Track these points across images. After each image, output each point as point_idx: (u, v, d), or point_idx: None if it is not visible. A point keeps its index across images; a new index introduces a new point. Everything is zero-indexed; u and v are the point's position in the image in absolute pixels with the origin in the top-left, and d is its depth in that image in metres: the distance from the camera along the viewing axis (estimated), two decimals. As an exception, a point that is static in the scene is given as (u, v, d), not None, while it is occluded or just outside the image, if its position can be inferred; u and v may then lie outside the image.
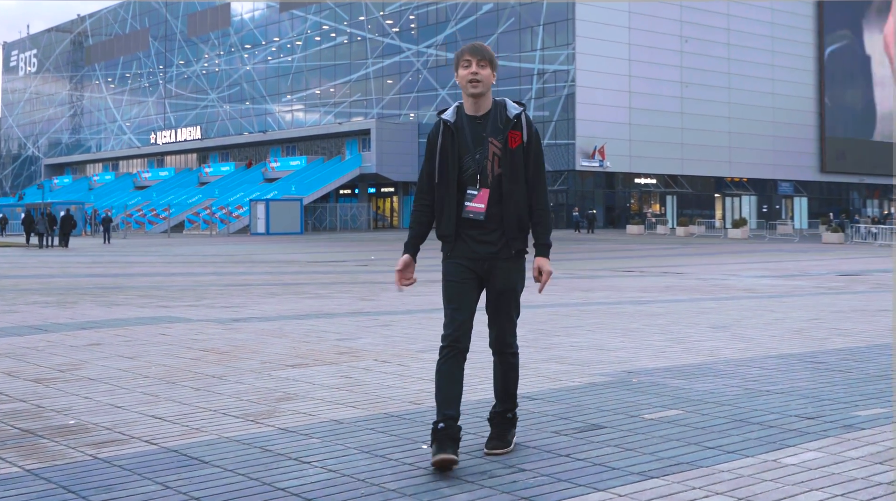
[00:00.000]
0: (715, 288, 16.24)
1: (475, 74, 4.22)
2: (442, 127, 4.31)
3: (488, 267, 4.29)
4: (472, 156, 4.27)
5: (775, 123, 66.67)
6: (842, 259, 29.53)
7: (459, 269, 4.31)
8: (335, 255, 32.78)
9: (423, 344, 8.12)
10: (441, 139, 4.30)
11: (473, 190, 4.26)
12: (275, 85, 79.34)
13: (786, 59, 67.94)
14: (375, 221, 73.22)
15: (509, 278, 4.30)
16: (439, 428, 4.10)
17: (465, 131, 4.28)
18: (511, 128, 4.26)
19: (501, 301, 4.33)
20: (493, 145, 4.26)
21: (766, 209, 67.56)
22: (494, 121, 4.28)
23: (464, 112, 4.31)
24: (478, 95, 4.24)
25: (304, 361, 7.20)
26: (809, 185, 71.19)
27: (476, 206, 4.26)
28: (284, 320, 10.31)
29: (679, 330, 9.20)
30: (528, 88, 60.69)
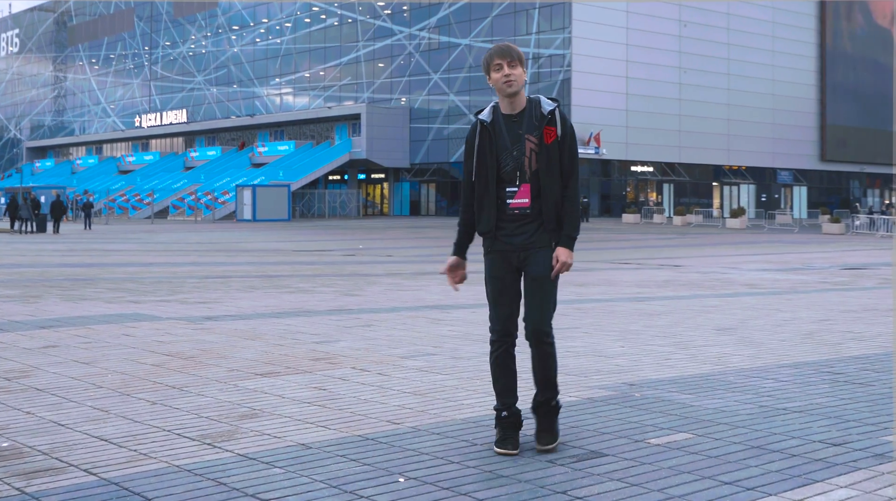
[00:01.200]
0: (716, 283, 15.79)
1: (508, 75, 4.43)
2: (479, 127, 4.53)
3: (524, 257, 4.50)
4: (510, 153, 4.48)
5: (775, 110, 66.22)
6: (844, 251, 29.14)
7: (500, 263, 4.53)
8: (322, 244, 32.27)
9: (406, 349, 7.62)
10: (479, 139, 4.51)
11: (513, 187, 4.49)
12: (263, 67, 78.63)
13: (787, 45, 67.43)
14: (365, 208, 72.69)
15: (542, 265, 4.49)
16: (503, 417, 4.50)
17: (502, 130, 4.49)
18: (546, 124, 4.47)
19: (537, 287, 4.50)
20: (529, 142, 4.47)
21: (765, 198, 67.18)
22: (530, 118, 4.49)
23: (500, 111, 4.53)
24: (513, 94, 4.46)
25: (275, 369, 6.70)
26: (809, 174, 70.80)
27: (520, 202, 4.48)
28: (260, 319, 9.81)
29: (682, 333, 8.73)
30: (522, 73, 60.07)
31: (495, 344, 4.59)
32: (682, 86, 61.53)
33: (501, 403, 4.55)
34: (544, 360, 4.59)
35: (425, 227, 48.41)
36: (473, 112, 4.82)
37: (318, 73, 74.24)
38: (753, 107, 65.05)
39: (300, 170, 65.20)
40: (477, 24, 62.57)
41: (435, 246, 31.81)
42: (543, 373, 4.61)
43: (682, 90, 61.75)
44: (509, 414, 4.51)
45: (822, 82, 69.91)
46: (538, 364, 4.61)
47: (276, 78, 77.68)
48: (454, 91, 64.17)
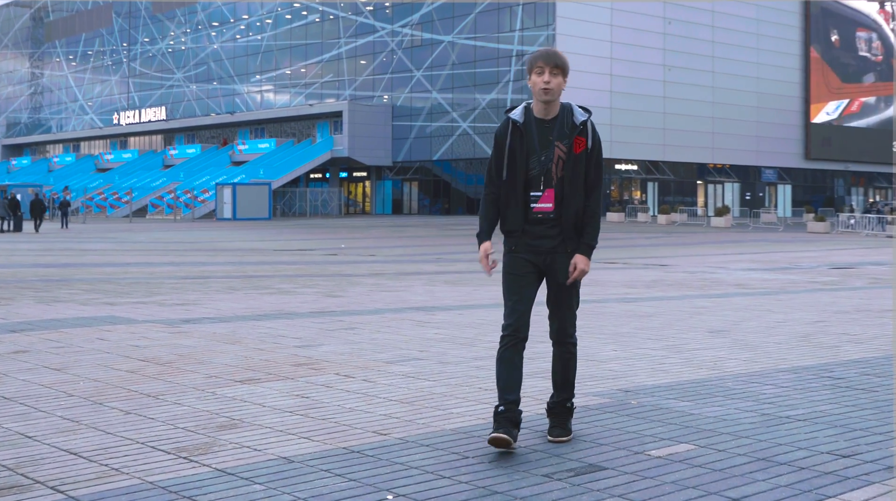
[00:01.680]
0: (704, 283, 15.64)
1: (547, 83, 4.47)
2: (511, 126, 4.57)
3: (549, 261, 4.60)
4: (538, 157, 4.55)
5: (759, 108, 66.30)
6: (830, 250, 29.10)
7: (521, 263, 4.62)
8: (303, 243, 32.01)
9: (391, 354, 7.40)
10: (510, 139, 4.57)
11: (537, 191, 4.57)
12: (243, 64, 78.19)
13: (771, 43, 67.53)
14: (347, 207, 72.46)
15: (569, 272, 4.61)
16: (500, 411, 4.46)
17: (533, 132, 4.55)
18: (577, 134, 4.54)
19: (562, 293, 4.66)
20: (558, 149, 4.53)
21: (750, 197, 67.26)
22: (561, 125, 4.54)
23: (532, 114, 4.58)
24: (548, 102, 4.51)
25: (255, 375, 6.47)
26: (793, 172, 70.94)
27: (544, 206, 4.58)
28: (240, 321, 9.57)
29: (675, 336, 8.55)
30: (506, 70, 59.98)
31: (505, 339, 4.61)
32: (666, 83, 61.50)
33: (503, 399, 4.51)
34: (566, 361, 4.74)
35: (408, 226, 48.19)
36: (505, 110, 4.70)
37: (299, 70, 73.83)
38: (738, 106, 65.11)
39: (281, 168, 64.87)
40: (460, 20, 62.36)
41: (418, 245, 31.58)
42: (563, 375, 4.75)
43: (667, 88, 61.72)
44: (507, 410, 4.47)
45: (806, 80, 70.02)
46: (559, 364, 4.75)
47: (257, 75, 77.23)
48: (437, 88, 63.93)
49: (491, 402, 5.55)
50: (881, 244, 34.16)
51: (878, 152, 74.65)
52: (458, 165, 64.30)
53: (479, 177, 63.46)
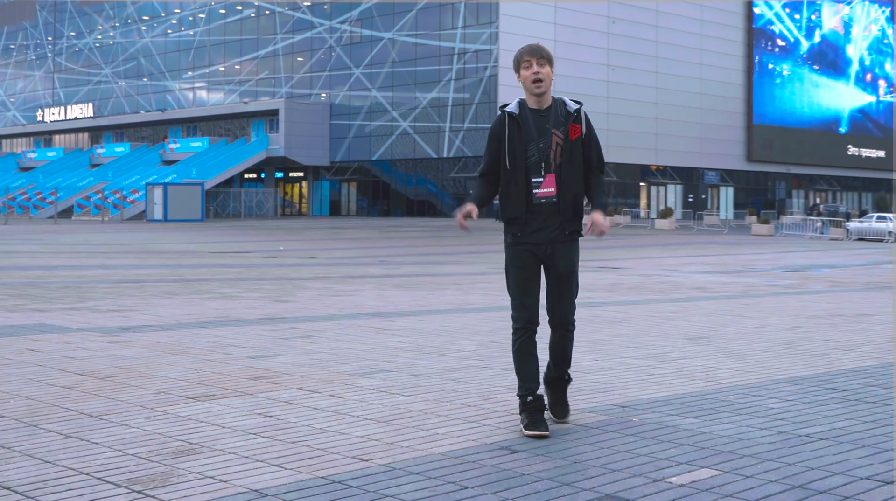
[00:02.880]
0: (663, 286, 15.37)
1: (537, 74, 4.78)
2: (507, 118, 4.84)
3: (550, 251, 4.85)
4: (536, 145, 4.81)
5: (703, 110, 66.82)
6: (779, 253, 29.18)
7: (524, 256, 4.85)
8: (240, 245, 31.26)
9: (356, 365, 6.90)
10: (508, 129, 4.82)
11: (538, 177, 4.81)
12: (175, 60, 76.82)
13: (715, 44, 68.11)
14: (283, 208, 71.59)
15: (569, 260, 4.89)
16: (529, 402, 4.79)
17: (529, 121, 4.82)
18: (572, 121, 4.83)
19: (563, 282, 4.90)
20: (556, 136, 4.81)
21: (692, 199, 67.75)
22: (556, 115, 4.84)
23: (527, 106, 4.87)
24: (541, 94, 4.81)
25: (209, 391, 5.92)
26: (735, 174, 71.64)
27: (546, 191, 4.81)
28: (185, 329, 8.97)
29: (653, 343, 8.17)
30: (447, 69, 59.63)
31: (519, 331, 4.89)
32: (609, 83, 61.65)
33: (526, 389, 4.83)
34: (565, 343, 5.01)
35: (347, 228, 47.59)
36: (500, 106, 5.00)
37: (233, 66, 72.76)
38: (681, 106, 65.54)
39: (214, 167, 63.86)
40: (400, 17, 61.83)
41: (359, 248, 31.05)
42: (563, 353, 5.02)
43: (610, 88, 61.88)
44: (535, 399, 4.79)
45: (748, 81, 70.77)
46: (559, 345, 5.01)
47: (189, 71, 75.93)
48: (377, 87, 63.35)
49: (476, 419, 5.11)
50: (828, 247, 34.43)
51: (819, 154, 75.75)
52: (398, 166, 63.79)
53: (420, 179, 63.09)
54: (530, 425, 4.73)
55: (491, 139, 4.89)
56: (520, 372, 4.87)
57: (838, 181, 79.52)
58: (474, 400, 5.65)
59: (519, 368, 4.88)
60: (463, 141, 59.27)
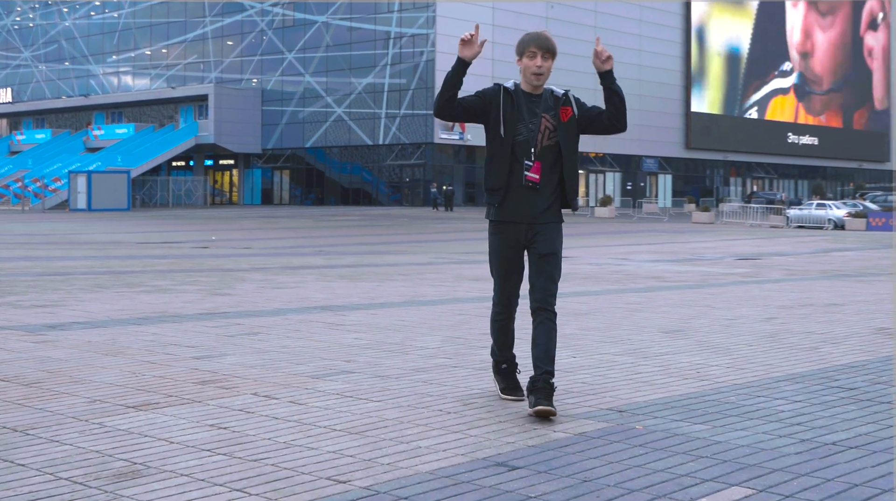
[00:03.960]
0: (619, 276, 14.99)
1: (539, 67, 4.89)
2: (503, 92, 4.96)
3: (531, 233, 4.95)
4: (526, 125, 4.95)
5: (641, 97, 66.93)
6: (724, 240, 29.14)
7: (507, 243, 5.00)
8: (170, 235, 30.36)
9: (314, 366, 6.32)
10: (503, 101, 4.93)
11: (529, 161, 4.93)
12: (99, 44, 74.98)
13: (653, 30, 68.30)
14: (213, 197, 70.34)
15: (552, 242, 4.95)
16: (504, 368, 5.23)
17: (522, 102, 4.96)
18: (562, 105, 4.98)
19: (544, 264, 4.95)
20: (545, 120, 4.95)
21: (631, 186, 67.94)
22: (546, 101, 5.00)
23: (521, 89, 5.01)
24: (539, 85, 4.96)
25: (152, 398, 5.31)
26: (674, 162, 72.01)
27: (533, 177, 4.93)
28: (118, 326, 8.30)
29: (628, 337, 7.73)
30: (383, 54, 58.89)
31: (500, 315, 5.17)
32: (548, 70, 61.44)
33: (503, 357, 5.23)
34: (547, 333, 4.90)
35: (280, 217, 46.74)
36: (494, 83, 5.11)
37: (160, 50, 71.21)
38: (619, 94, 65.56)
39: (141, 155, 62.56)
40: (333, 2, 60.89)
41: (295, 237, 30.35)
42: (546, 346, 4.87)
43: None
44: (508, 365, 5.22)
45: (687, 68, 71.13)
46: (540, 338, 4.89)
47: (114, 55, 74.20)
48: (310, 72, 62.40)
49: (460, 429, 4.59)
50: (770, 234, 34.55)
51: (755, 142, 76.50)
52: (333, 153, 62.96)
53: (355, 167, 62.32)
54: (507, 389, 5.17)
55: (479, 96, 4.97)
56: (497, 342, 5.20)
57: (775, 169, 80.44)
58: (453, 405, 5.12)
59: (497, 338, 5.21)
60: (399, 128, 58.62)
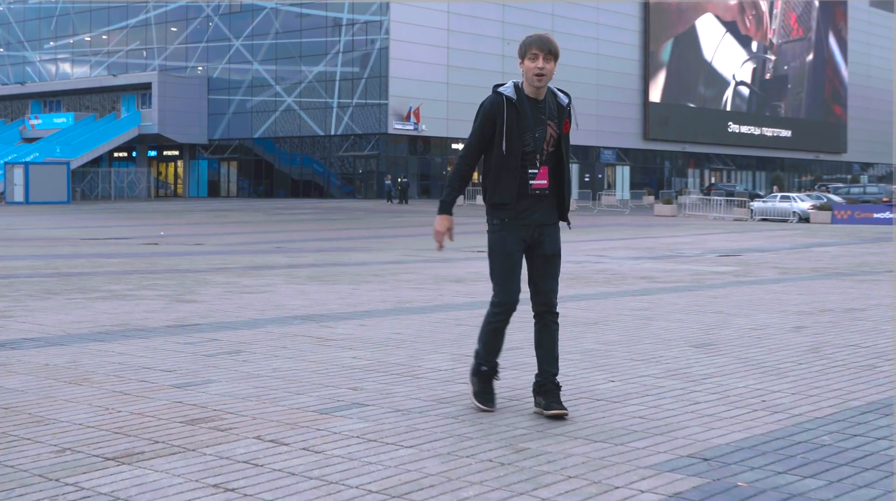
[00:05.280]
0: (605, 275, 14.31)
1: (541, 69, 4.87)
2: (506, 102, 4.91)
3: (539, 233, 4.99)
4: (533, 134, 4.94)
5: (599, 86, 66.58)
6: (695, 235, 28.69)
7: (511, 241, 4.97)
8: (115, 231, 29.28)
9: (318, 396, 5.49)
10: (507, 113, 4.90)
11: (534, 168, 4.94)
12: (35, 29, 73.12)
13: (611, 18, 67.90)
14: (157, 189, 68.98)
15: (556, 243, 5.05)
16: (483, 371, 5.15)
17: (527, 109, 4.92)
18: (566, 116, 5.02)
19: (550, 264, 5.03)
20: (550, 127, 4.97)
21: (589, 178, 67.55)
22: (550, 107, 4.99)
23: (523, 93, 4.95)
24: (542, 87, 4.93)
25: (133, 445, 4.44)
26: (632, 153, 71.77)
27: (540, 183, 4.96)
28: (77, 343, 7.39)
29: (657, 353, 7.01)
30: (335, 41, 57.86)
31: (499, 315, 5.05)
32: (505, 58, 60.63)
33: (487, 361, 5.12)
34: (552, 333, 5.03)
35: (229, 211, 45.68)
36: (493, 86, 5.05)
37: (100, 37, 69.58)
38: (578, 83, 65.07)
39: (81, 145, 61.19)
40: (284, -15, 59.78)
41: (248, 232, 29.46)
42: (550, 348, 5.02)
43: (506, 63, 60.87)
44: (489, 368, 5.13)
45: (645, 57, 70.86)
46: (545, 339, 5.02)
47: (51, 41, 72.40)
48: (259, 59, 61.18)
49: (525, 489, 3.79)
50: (740, 229, 34.20)
51: (713, 132, 76.53)
52: (282, 144, 61.85)
53: (306, 158, 61.28)
54: (480, 395, 5.10)
55: (485, 120, 4.92)
56: (487, 345, 5.10)
57: (733, 160, 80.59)
58: (501, 452, 4.33)
59: (487, 342, 5.10)
60: (352, 118, 57.65)
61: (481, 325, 5.14)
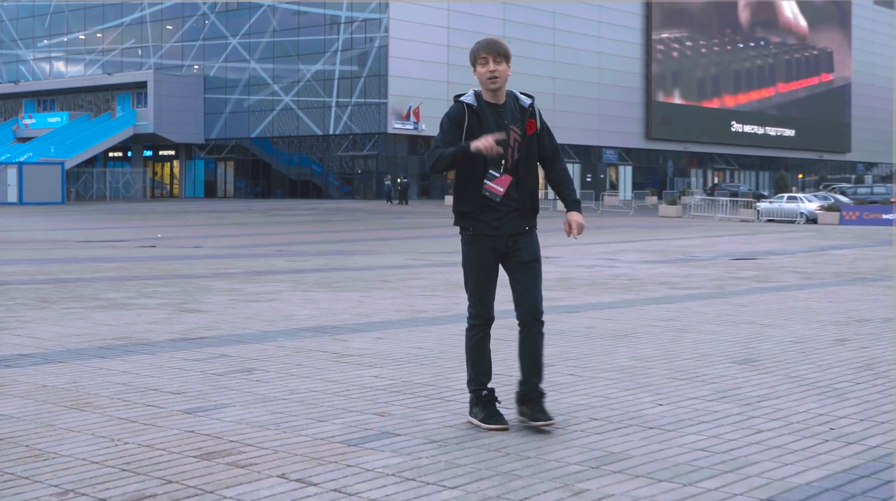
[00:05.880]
0: (621, 281, 13.88)
1: (493, 71, 4.89)
2: (467, 109, 4.94)
3: (512, 242, 4.97)
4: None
5: (601, 85, 66.15)
6: (706, 237, 28.29)
7: (484, 253, 4.97)
8: (111, 232, 28.82)
9: (343, 424, 5.04)
10: (468, 120, 4.91)
11: (496, 171, 4.93)
12: (29, 27, 72.71)
13: (613, 15, 67.46)
14: (153, 190, 68.56)
15: (533, 249, 5.03)
16: (484, 396, 5.01)
17: (488, 116, 4.95)
18: (528, 117, 5.02)
19: (530, 272, 5.00)
20: (514, 132, 4.97)
21: (591, 178, 67.10)
22: (511, 110, 5.01)
23: (483, 99, 4.99)
24: (497, 89, 4.94)
25: (144, 485, 4.00)
26: (634, 153, 71.32)
27: (495, 188, 4.92)
28: (77, 360, 6.94)
29: (700, 371, 6.59)
30: (333, 39, 57.42)
31: (477, 328, 5.03)
32: (506, 57, 60.34)
33: (480, 383, 5.02)
34: (536, 343, 4.97)
35: (226, 212, 45.24)
36: (454, 97, 5.05)
37: (95, 34, 69.11)
38: (579, 81, 64.73)
39: (75, 145, 60.88)
40: (282, -17, 59.35)
41: (247, 234, 28.99)
42: (533, 357, 4.97)
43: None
44: (489, 393, 4.99)
45: (647, 56, 70.43)
46: (528, 347, 4.98)
47: (45, 40, 71.98)
48: (256, 58, 60.75)
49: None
50: (749, 230, 33.81)
51: (716, 132, 76.11)
52: (280, 144, 61.41)
53: (304, 158, 60.85)
54: (488, 418, 4.93)
55: (452, 124, 4.90)
56: (475, 365, 5.03)
57: (736, 159, 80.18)
58: (558, 493, 3.90)
59: (474, 363, 5.03)
60: (351, 117, 57.23)
61: (465, 343, 5.09)
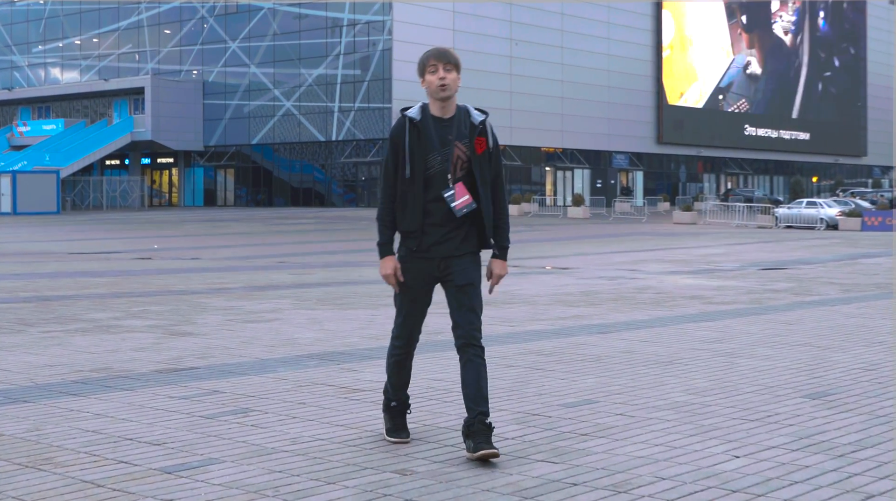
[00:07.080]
0: (649, 294, 13.04)
1: (443, 79, 4.76)
2: (408, 125, 4.83)
3: (444, 266, 4.86)
4: (437, 155, 4.82)
5: (610, 88, 65.32)
6: (727, 245, 27.50)
7: (417, 274, 4.87)
8: (105, 244, 28.10)
9: (356, 488, 4.21)
10: (409, 136, 4.82)
11: (448, 190, 4.81)
12: (23, 33, 72.30)
13: (623, 17, 66.68)
14: (151, 198, 68.10)
15: (467, 273, 4.87)
16: (393, 406, 5.11)
17: (431, 130, 4.83)
18: (478, 134, 4.86)
19: (463, 295, 4.84)
20: (458, 148, 4.84)
21: (601, 184, 66.25)
22: (459, 125, 4.86)
23: (429, 112, 4.87)
24: (446, 99, 4.80)
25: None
26: (645, 158, 70.47)
27: (463, 200, 4.81)
28: (44, 398, 6.11)
29: (770, 409, 5.78)
30: (336, 42, 56.75)
31: (399, 348, 5.06)
32: (513, 59, 59.50)
33: (395, 396, 5.11)
34: (476, 371, 4.80)
35: (226, 221, 44.52)
36: (400, 110, 4.80)
37: (91, 40, 68.67)
38: (589, 85, 63.90)
39: (71, 153, 60.55)
40: (283, -15, 58.82)
41: (247, 245, 28.26)
42: (477, 386, 4.78)
43: (514, 64, 59.74)
44: (398, 404, 5.10)
45: (658, 58, 69.61)
46: (470, 376, 4.80)
47: (40, 45, 71.55)
48: (256, 62, 60.14)
49: None
50: (769, 237, 33.01)
51: (729, 136, 75.25)
52: (281, 150, 60.80)
53: (305, 164, 60.26)
54: (391, 431, 5.05)
55: (393, 146, 4.85)
56: (391, 379, 5.08)
57: (750, 164, 79.32)
58: None
59: (392, 375, 5.08)
60: (354, 122, 56.54)
61: (386, 358, 5.12)
